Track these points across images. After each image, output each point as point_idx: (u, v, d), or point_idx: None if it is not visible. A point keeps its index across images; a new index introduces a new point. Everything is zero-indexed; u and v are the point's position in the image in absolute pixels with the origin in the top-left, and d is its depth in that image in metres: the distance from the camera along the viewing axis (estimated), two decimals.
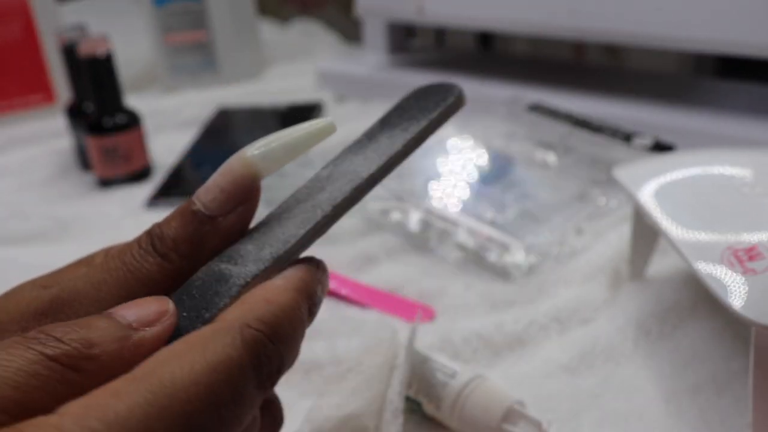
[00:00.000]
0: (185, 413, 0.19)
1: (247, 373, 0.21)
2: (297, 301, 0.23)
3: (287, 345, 0.22)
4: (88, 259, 0.26)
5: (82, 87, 0.70)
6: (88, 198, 0.67)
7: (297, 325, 0.23)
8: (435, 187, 0.57)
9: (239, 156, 0.25)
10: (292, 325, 0.22)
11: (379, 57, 0.88)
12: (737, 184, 0.38)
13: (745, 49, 0.59)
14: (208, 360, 0.20)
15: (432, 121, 0.24)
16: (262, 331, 0.21)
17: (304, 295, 0.23)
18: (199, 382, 0.20)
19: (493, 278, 0.50)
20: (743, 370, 0.39)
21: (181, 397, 0.19)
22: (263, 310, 0.22)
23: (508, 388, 0.36)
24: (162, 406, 0.19)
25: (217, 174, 0.25)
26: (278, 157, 0.24)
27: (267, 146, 0.25)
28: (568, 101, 0.69)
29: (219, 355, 0.20)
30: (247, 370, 0.21)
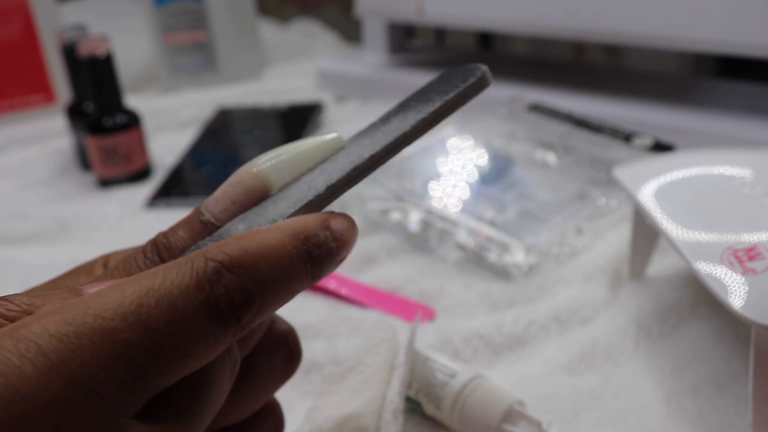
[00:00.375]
0: (114, 340, 0.19)
1: (193, 301, 0.20)
2: (282, 241, 0.22)
3: (259, 281, 0.21)
4: (88, 268, 0.25)
5: (82, 87, 0.70)
6: (88, 198, 0.67)
7: (278, 264, 0.21)
8: (435, 187, 0.57)
9: (248, 168, 0.25)
10: (269, 261, 0.21)
11: (379, 57, 0.88)
12: (737, 184, 0.38)
13: (745, 49, 0.59)
14: (145, 287, 0.20)
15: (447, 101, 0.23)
16: (219, 260, 0.20)
17: (297, 238, 0.22)
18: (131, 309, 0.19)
19: (493, 278, 0.50)
20: (743, 370, 0.39)
21: (111, 325, 0.19)
22: (231, 245, 0.21)
23: (508, 388, 0.36)
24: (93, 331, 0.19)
25: (227, 185, 0.25)
26: (287, 170, 0.24)
27: (277, 159, 0.25)
28: (568, 101, 0.69)
29: (160, 282, 0.20)
30: (192, 297, 0.20)
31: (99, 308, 0.19)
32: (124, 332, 0.19)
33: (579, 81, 0.75)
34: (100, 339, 0.19)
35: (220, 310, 0.20)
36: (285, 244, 0.22)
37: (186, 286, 0.20)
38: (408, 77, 0.81)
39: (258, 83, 0.95)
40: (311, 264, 0.22)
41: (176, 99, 0.89)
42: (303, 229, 0.22)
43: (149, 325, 0.19)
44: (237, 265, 0.21)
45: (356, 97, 0.85)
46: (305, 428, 0.34)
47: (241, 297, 0.21)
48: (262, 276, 0.21)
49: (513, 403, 0.35)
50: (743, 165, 0.39)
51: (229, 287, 0.20)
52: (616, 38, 0.67)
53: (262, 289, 0.21)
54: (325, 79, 0.88)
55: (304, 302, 0.48)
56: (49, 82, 0.87)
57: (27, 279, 0.28)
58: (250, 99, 0.88)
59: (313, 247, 0.22)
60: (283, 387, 0.28)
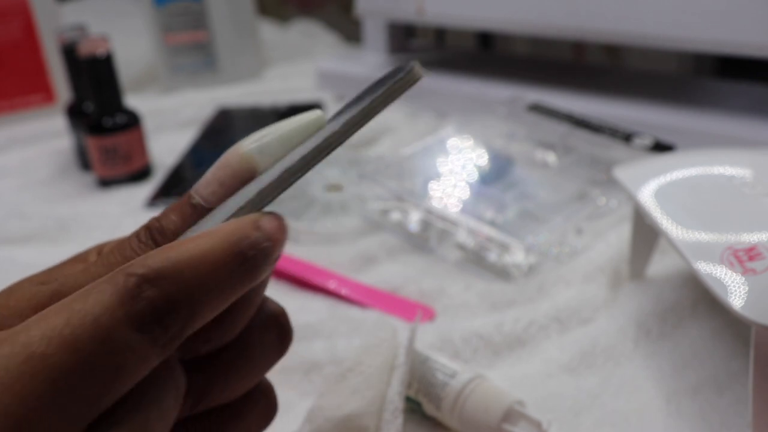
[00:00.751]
0: (43, 366, 0.19)
1: (116, 316, 0.20)
2: (210, 247, 0.22)
3: (184, 289, 0.21)
4: (83, 257, 0.26)
5: (82, 87, 0.70)
6: (88, 198, 0.67)
7: (206, 270, 0.21)
8: (435, 187, 0.57)
9: (235, 150, 0.25)
10: (195, 269, 0.21)
11: (379, 57, 0.88)
12: (737, 184, 0.38)
13: (745, 49, 0.59)
14: (70, 312, 0.20)
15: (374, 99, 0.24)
16: (139, 274, 0.20)
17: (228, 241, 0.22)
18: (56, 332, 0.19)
19: (493, 278, 0.50)
20: (743, 370, 0.39)
21: (38, 351, 0.19)
22: (153, 257, 0.21)
23: (508, 388, 0.36)
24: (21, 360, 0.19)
25: (215, 168, 0.25)
26: (273, 151, 0.25)
27: (262, 140, 0.25)
28: (568, 101, 0.69)
29: (83, 305, 0.20)
30: (115, 312, 0.20)
31: (25, 337, 0.19)
32: (51, 356, 0.19)
33: (579, 81, 0.75)
34: (29, 367, 0.19)
35: (144, 322, 0.20)
36: (214, 249, 0.22)
37: (108, 303, 0.20)
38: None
39: (258, 83, 0.95)
40: (246, 265, 0.22)
41: (176, 99, 0.89)
42: (235, 232, 0.22)
43: (76, 345, 0.19)
44: (158, 276, 0.21)
45: None
46: (305, 428, 0.34)
47: (165, 307, 0.21)
48: (187, 284, 0.21)
49: (513, 403, 0.35)
50: (743, 165, 0.39)
51: (151, 299, 0.20)
52: (616, 38, 0.67)
53: (189, 297, 0.21)
54: (325, 79, 0.88)
55: (304, 302, 0.48)
56: (49, 82, 0.87)
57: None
58: (250, 99, 0.88)
59: (247, 248, 0.22)
60: (283, 387, 0.28)
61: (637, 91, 0.71)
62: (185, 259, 0.21)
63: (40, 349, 0.19)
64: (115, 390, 0.20)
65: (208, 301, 0.22)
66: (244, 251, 0.22)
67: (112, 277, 0.21)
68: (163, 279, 0.21)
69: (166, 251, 0.21)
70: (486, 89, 0.76)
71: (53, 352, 0.19)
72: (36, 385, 0.19)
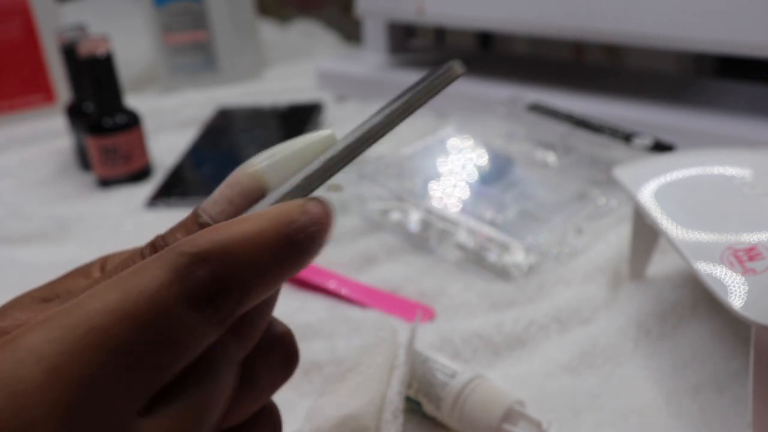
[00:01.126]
0: (106, 337, 0.19)
1: (171, 293, 0.20)
2: (259, 228, 0.22)
3: (234, 269, 0.21)
4: (86, 271, 0.26)
5: (82, 87, 0.70)
6: (88, 198, 0.67)
7: (255, 251, 0.21)
8: (435, 187, 0.57)
9: (245, 168, 0.25)
10: (244, 249, 0.21)
11: (379, 57, 0.88)
12: (737, 184, 0.38)
13: (745, 49, 0.59)
14: (125, 287, 0.20)
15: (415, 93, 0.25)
16: (189, 252, 0.21)
17: (277, 224, 0.22)
18: (117, 306, 0.20)
19: (493, 278, 0.50)
20: (743, 370, 0.39)
21: (101, 323, 0.19)
22: (201, 236, 0.21)
23: (508, 388, 0.36)
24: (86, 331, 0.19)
25: (224, 186, 0.25)
26: (283, 169, 0.24)
27: (272, 158, 0.24)
28: (568, 101, 0.69)
29: (138, 280, 0.20)
30: (170, 290, 0.20)
31: (85, 310, 0.20)
32: (113, 328, 0.19)
33: (579, 81, 0.75)
34: (93, 338, 0.19)
35: (198, 300, 0.21)
36: (263, 231, 0.22)
37: (163, 280, 0.20)
38: (408, 77, 0.81)
39: (258, 83, 0.95)
40: (293, 249, 0.22)
41: (176, 99, 0.89)
42: (283, 216, 0.22)
43: (135, 319, 0.20)
44: (210, 255, 0.21)
45: (356, 97, 0.85)
46: (305, 428, 0.34)
47: (217, 286, 0.21)
48: (236, 264, 0.21)
49: (513, 403, 0.35)
50: (743, 165, 0.39)
51: (204, 278, 0.21)
52: (616, 38, 0.67)
53: (239, 277, 0.21)
54: (325, 79, 0.88)
55: (304, 302, 0.48)
56: (49, 82, 0.87)
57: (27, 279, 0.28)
58: (250, 99, 0.88)
59: (294, 233, 0.22)
60: (284, 387, 0.28)
61: (637, 91, 0.71)
62: (234, 240, 0.21)
63: (101, 321, 0.19)
64: (174, 363, 0.20)
65: (257, 282, 0.22)
66: (292, 235, 0.22)
67: (163, 256, 0.21)
68: (214, 258, 0.21)
69: (214, 232, 0.21)
70: (486, 89, 0.76)
71: (114, 325, 0.19)
72: (101, 355, 0.19)
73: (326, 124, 0.79)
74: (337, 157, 0.24)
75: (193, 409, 0.21)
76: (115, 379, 0.19)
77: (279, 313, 0.27)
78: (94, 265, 0.26)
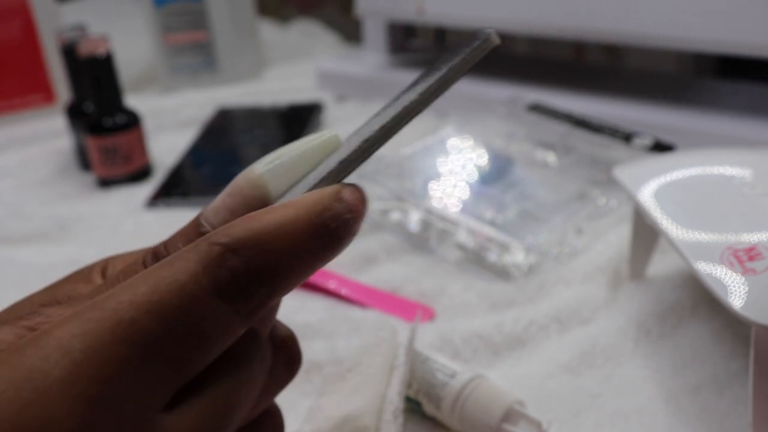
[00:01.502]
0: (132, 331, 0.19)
1: (201, 285, 0.20)
2: (293, 218, 0.21)
3: (267, 259, 0.21)
4: (86, 275, 0.25)
5: (82, 87, 0.70)
6: (88, 198, 0.67)
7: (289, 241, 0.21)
8: (435, 187, 0.57)
9: (246, 175, 0.24)
10: (278, 239, 0.21)
11: (379, 57, 0.88)
12: (737, 184, 0.38)
13: (745, 49, 0.59)
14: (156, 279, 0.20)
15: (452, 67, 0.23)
16: (222, 243, 0.20)
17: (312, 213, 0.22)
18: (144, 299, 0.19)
19: (493, 278, 0.50)
20: (743, 370, 0.39)
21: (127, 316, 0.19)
22: (235, 226, 0.21)
23: (508, 388, 0.36)
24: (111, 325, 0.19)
25: (225, 194, 0.24)
26: (286, 174, 0.24)
27: (274, 163, 0.24)
28: (568, 101, 0.69)
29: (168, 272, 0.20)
30: (200, 281, 0.20)
31: (114, 304, 0.19)
32: (140, 321, 0.19)
33: (579, 81, 0.75)
34: (119, 332, 0.19)
35: (228, 291, 0.20)
36: (297, 220, 0.22)
37: (193, 272, 0.20)
38: (408, 77, 0.80)
39: (258, 83, 0.95)
40: (329, 237, 0.22)
41: (176, 99, 0.89)
42: (318, 203, 0.22)
43: (163, 312, 0.20)
44: (241, 246, 0.21)
45: (356, 97, 0.85)
46: (305, 428, 0.34)
47: (248, 277, 0.21)
48: (270, 255, 0.21)
49: (513, 403, 0.35)
50: (743, 165, 0.39)
51: (235, 268, 0.20)
52: (616, 38, 0.67)
53: (272, 268, 0.21)
54: (325, 79, 0.88)
55: (304, 302, 0.48)
56: (49, 82, 0.87)
57: (27, 279, 0.28)
58: (250, 99, 0.88)
59: (330, 220, 0.22)
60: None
61: (637, 91, 0.71)
62: (268, 230, 0.21)
63: (129, 314, 0.19)
64: (202, 356, 0.20)
65: (290, 272, 0.22)
66: (327, 223, 0.22)
67: (196, 246, 0.21)
68: (246, 249, 0.21)
69: (248, 221, 0.21)
70: (486, 89, 0.76)
71: (141, 318, 0.19)
72: (125, 350, 0.19)
73: (326, 124, 0.79)
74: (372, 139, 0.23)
75: (220, 403, 0.21)
76: (140, 374, 0.19)
77: (279, 314, 0.26)
78: (95, 269, 0.26)
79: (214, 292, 0.20)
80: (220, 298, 0.20)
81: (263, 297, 0.21)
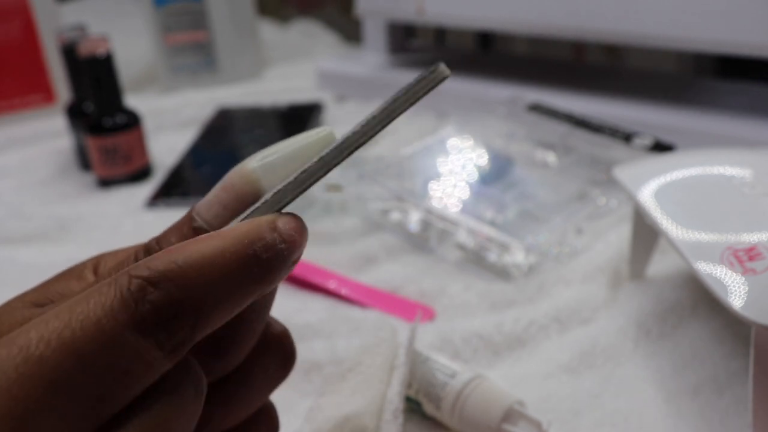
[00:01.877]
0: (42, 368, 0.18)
1: (119, 320, 0.19)
2: (221, 249, 0.21)
3: (191, 293, 0.20)
4: (79, 273, 0.25)
5: (82, 87, 0.70)
6: (88, 198, 0.67)
7: (215, 273, 0.20)
8: (435, 187, 0.57)
9: (240, 170, 0.24)
10: (202, 271, 0.20)
11: (379, 57, 0.88)
12: (737, 184, 0.38)
13: (745, 49, 0.59)
14: (70, 314, 0.19)
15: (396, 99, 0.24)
16: (144, 276, 0.20)
17: (240, 244, 0.21)
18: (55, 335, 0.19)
19: (493, 278, 0.50)
20: (743, 370, 0.39)
21: (36, 353, 0.18)
22: (158, 259, 0.20)
23: (508, 388, 0.36)
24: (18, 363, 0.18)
25: (218, 189, 0.24)
26: (279, 170, 0.23)
27: (266, 159, 0.24)
28: (568, 101, 0.69)
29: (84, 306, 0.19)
30: (118, 316, 0.19)
31: (23, 340, 0.19)
32: (49, 359, 0.18)
33: (579, 81, 0.75)
34: (27, 369, 0.18)
35: (149, 326, 0.20)
36: (224, 251, 0.21)
37: (110, 306, 0.19)
38: (408, 77, 0.80)
39: (258, 83, 0.95)
40: (260, 268, 0.21)
41: (176, 99, 0.89)
42: (247, 234, 0.21)
43: (76, 348, 0.19)
44: (163, 279, 0.20)
45: (356, 97, 0.85)
46: (305, 428, 0.34)
47: (170, 311, 0.20)
48: (194, 287, 0.20)
49: (513, 403, 0.35)
50: (743, 165, 0.39)
51: (156, 302, 0.20)
52: (616, 38, 0.67)
53: (196, 301, 0.20)
54: (325, 79, 0.88)
55: (304, 302, 0.48)
56: (49, 82, 0.87)
57: (27, 279, 0.28)
58: (250, 99, 0.88)
59: (261, 251, 0.21)
60: (283, 387, 0.28)
61: (637, 91, 0.71)
62: (192, 262, 0.20)
63: (38, 351, 0.18)
64: (120, 394, 0.19)
65: (217, 305, 0.21)
66: (258, 253, 0.21)
67: (116, 280, 0.20)
68: (167, 282, 0.20)
69: (171, 253, 0.20)
70: (486, 89, 0.76)
71: (51, 355, 0.18)
72: (34, 388, 0.18)
73: (326, 124, 0.79)
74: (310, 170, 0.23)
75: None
76: (54, 412, 0.18)
77: (279, 313, 0.27)
78: (87, 266, 0.25)
79: (133, 327, 0.19)
80: (140, 334, 0.19)
81: (188, 331, 0.20)
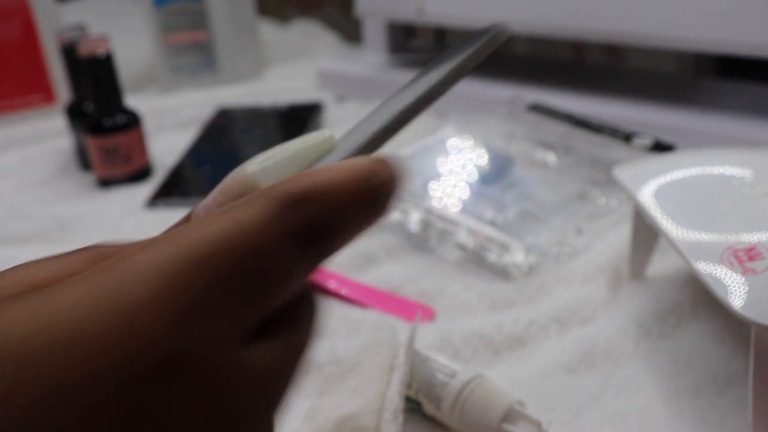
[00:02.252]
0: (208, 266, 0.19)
1: (272, 230, 0.20)
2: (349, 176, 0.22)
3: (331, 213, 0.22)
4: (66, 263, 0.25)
5: (82, 87, 0.70)
6: (88, 198, 0.67)
7: (348, 198, 0.22)
8: (435, 187, 0.57)
9: (239, 174, 0.24)
10: (339, 195, 0.22)
11: (379, 57, 0.88)
12: (737, 184, 0.38)
13: (745, 49, 0.59)
14: (228, 219, 0.20)
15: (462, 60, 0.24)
16: (290, 190, 0.21)
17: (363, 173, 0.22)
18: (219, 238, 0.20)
19: (493, 278, 0.50)
20: (743, 370, 0.39)
21: (202, 251, 0.19)
22: (302, 178, 0.22)
23: (508, 388, 0.36)
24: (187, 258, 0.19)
25: (217, 192, 0.24)
26: (278, 173, 0.24)
27: (266, 162, 0.24)
28: (568, 101, 0.69)
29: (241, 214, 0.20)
30: (271, 226, 0.20)
31: (187, 239, 0.20)
32: (215, 258, 0.19)
33: (579, 81, 0.75)
34: (195, 264, 0.19)
35: (295, 239, 0.21)
36: (352, 179, 0.22)
37: (263, 216, 0.20)
38: (408, 77, 0.81)
39: (258, 83, 0.95)
40: (379, 199, 0.23)
41: (176, 99, 0.89)
42: (367, 167, 0.23)
43: (236, 251, 0.20)
44: (310, 198, 0.21)
45: (356, 97, 0.85)
46: (305, 428, 0.34)
47: (318, 226, 0.21)
48: (334, 208, 0.22)
49: (513, 403, 0.35)
50: (743, 165, 0.39)
51: (304, 217, 0.21)
52: (616, 38, 0.67)
53: (335, 221, 0.22)
54: (325, 79, 0.88)
55: None
56: (49, 82, 0.87)
57: None
58: (250, 99, 0.88)
59: (379, 184, 0.23)
60: None
61: (637, 91, 0.71)
62: (332, 185, 0.22)
63: (205, 249, 0.19)
64: (265, 302, 0.21)
65: (349, 227, 0.22)
66: (377, 186, 0.23)
67: (264, 193, 0.21)
68: (313, 200, 0.21)
69: (310, 175, 0.22)
70: (486, 89, 0.76)
71: (217, 254, 0.19)
72: (201, 282, 0.19)
73: (326, 124, 0.79)
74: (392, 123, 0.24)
75: (292, 347, 0.22)
76: (214, 310, 0.19)
77: None
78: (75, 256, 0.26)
79: (282, 238, 0.21)
80: (289, 245, 0.21)
81: (328, 247, 0.22)
